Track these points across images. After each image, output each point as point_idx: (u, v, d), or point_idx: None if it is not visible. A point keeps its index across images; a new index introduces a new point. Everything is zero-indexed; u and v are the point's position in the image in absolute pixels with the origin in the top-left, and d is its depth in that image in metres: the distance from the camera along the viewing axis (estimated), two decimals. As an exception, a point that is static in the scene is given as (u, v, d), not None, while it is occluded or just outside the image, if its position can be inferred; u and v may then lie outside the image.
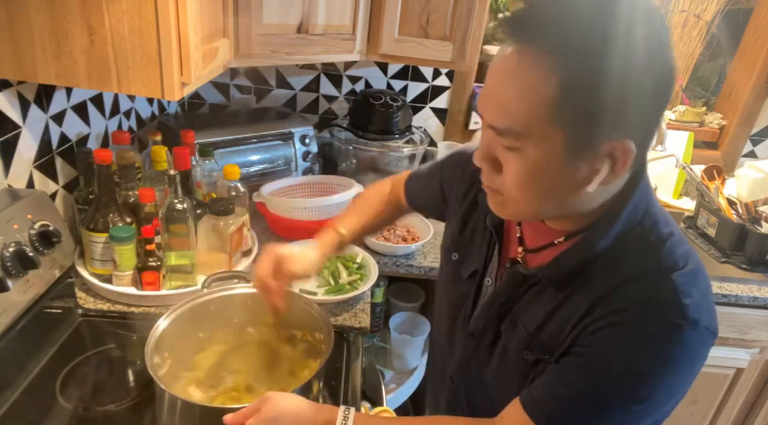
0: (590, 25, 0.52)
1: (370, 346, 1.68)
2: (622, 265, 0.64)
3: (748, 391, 1.68)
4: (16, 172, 1.05)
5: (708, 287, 0.66)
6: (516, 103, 0.56)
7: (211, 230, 1.22)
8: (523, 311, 0.73)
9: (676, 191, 2.07)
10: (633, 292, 0.62)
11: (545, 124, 0.55)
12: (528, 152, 0.58)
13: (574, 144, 0.56)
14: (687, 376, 0.63)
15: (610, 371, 0.62)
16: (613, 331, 0.62)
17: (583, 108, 0.54)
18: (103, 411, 0.91)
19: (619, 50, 0.51)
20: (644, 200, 0.66)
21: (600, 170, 0.58)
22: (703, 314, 0.61)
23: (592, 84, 0.53)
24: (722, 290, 1.50)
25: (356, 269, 1.35)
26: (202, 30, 0.96)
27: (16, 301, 0.91)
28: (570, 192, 0.61)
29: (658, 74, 0.54)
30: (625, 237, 0.65)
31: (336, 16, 1.39)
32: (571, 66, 0.52)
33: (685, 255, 0.64)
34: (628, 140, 0.56)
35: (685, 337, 0.60)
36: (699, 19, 2.01)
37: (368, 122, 1.72)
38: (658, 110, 0.58)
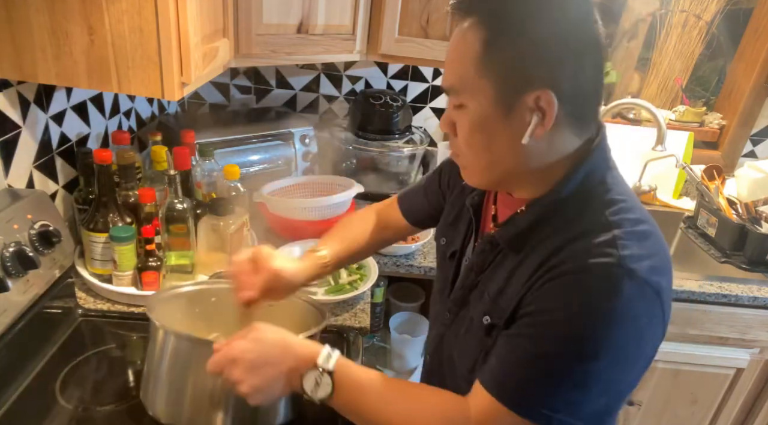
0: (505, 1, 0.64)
1: (370, 346, 1.68)
2: (570, 226, 0.67)
3: (748, 391, 1.68)
4: (16, 172, 1.05)
5: (659, 251, 0.65)
6: (454, 63, 0.67)
7: (211, 230, 1.22)
8: (488, 278, 0.76)
9: (676, 191, 2.07)
10: (574, 248, 0.65)
11: (474, 77, 0.65)
12: (469, 107, 0.67)
13: (501, 94, 0.64)
14: (630, 338, 0.61)
15: (550, 327, 0.63)
16: (551, 285, 0.64)
17: (504, 61, 0.63)
18: (103, 411, 0.91)
19: (534, 14, 0.62)
20: (599, 171, 0.69)
21: (530, 122, 0.64)
22: (641, 265, 0.61)
23: (510, 40, 0.63)
24: (722, 290, 1.50)
25: (356, 269, 1.35)
26: (202, 30, 0.96)
27: (16, 301, 0.91)
28: (509, 146, 0.67)
29: (573, 34, 0.63)
30: (576, 201, 0.68)
31: (336, 16, 1.40)
32: (492, 26, 0.63)
33: (635, 220, 0.66)
34: (550, 91, 0.62)
35: (619, 287, 0.60)
36: (699, 19, 2.01)
37: (368, 122, 1.72)
38: (581, 67, 0.64)
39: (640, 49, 2.07)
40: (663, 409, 1.71)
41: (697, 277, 1.55)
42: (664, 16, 2.01)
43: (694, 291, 1.49)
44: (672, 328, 1.56)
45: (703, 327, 1.56)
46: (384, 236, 1.09)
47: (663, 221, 1.97)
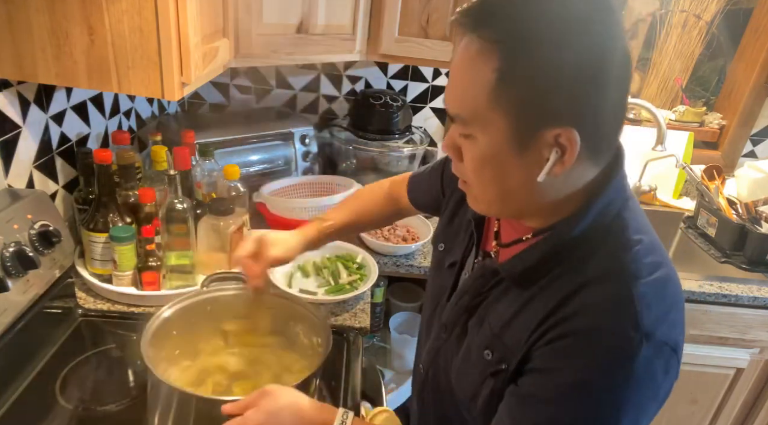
0: (528, 15, 0.54)
1: (370, 346, 1.68)
2: (584, 268, 0.62)
3: (748, 391, 1.68)
4: (16, 172, 1.05)
5: (675, 302, 0.63)
6: (463, 89, 0.60)
7: (211, 230, 1.22)
8: (490, 308, 0.72)
9: (676, 191, 2.07)
10: (588, 299, 0.60)
11: (487, 109, 0.58)
12: (478, 138, 0.61)
13: (517, 130, 0.58)
14: (646, 397, 0.59)
15: (565, 390, 0.60)
16: (565, 343, 0.60)
17: (521, 94, 0.56)
18: (103, 411, 0.91)
19: (554, 40, 0.53)
20: (616, 203, 0.64)
21: (548, 159, 0.58)
22: (661, 327, 0.58)
23: (527, 71, 0.55)
24: (722, 290, 1.50)
25: (356, 269, 1.35)
26: (202, 30, 0.96)
27: (16, 301, 0.91)
28: (521, 181, 0.62)
29: (597, 65, 0.55)
30: (591, 239, 0.63)
31: (336, 16, 1.39)
32: (507, 54, 0.55)
33: (653, 264, 0.62)
34: (572, 129, 0.56)
35: (636, 351, 0.57)
36: (699, 19, 2.01)
37: (368, 122, 1.72)
38: (604, 100, 0.57)
39: (640, 49, 2.07)
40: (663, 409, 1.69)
41: (697, 277, 1.55)
42: (664, 16, 2.01)
43: (694, 291, 1.49)
44: (672, 328, 1.56)
45: (703, 327, 1.56)
46: (392, 211, 1.10)
47: (663, 221, 1.97)
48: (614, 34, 0.55)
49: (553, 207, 0.65)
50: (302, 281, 1.33)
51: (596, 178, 0.63)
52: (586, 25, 0.54)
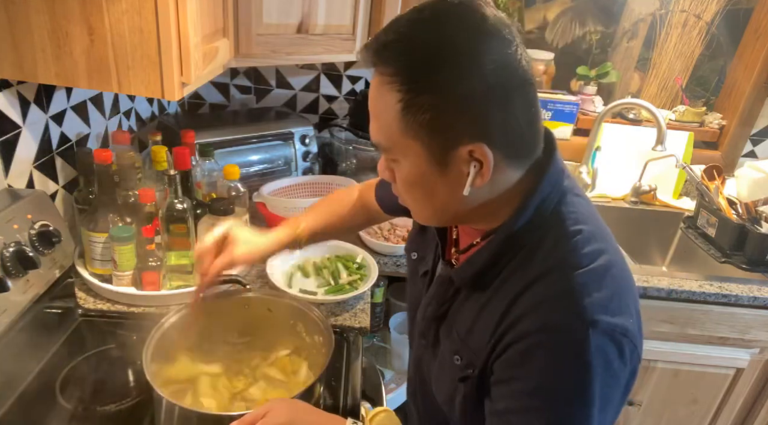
0: (418, 48, 0.58)
1: (370, 346, 1.68)
2: (529, 265, 0.64)
3: (748, 391, 1.68)
4: (16, 172, 1.05)
5: (620, 286, 0.63)
6: (377, 120, 0.63)
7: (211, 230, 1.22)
8: (456, 314, 0.74)
9: (676, 191, 2.07)
10: (533, 297, 0.62)
11: (401, 136, 0.61)
12: (402, 163, 0.65)
13: (432, 152, 0.61)
14: (607, 386, 0.60)
15: (524, 395, 0.61)
16: (518, 348, 0.61)
17: (426, 120, 0.59)
18: (103, 411, 0.91)
19: (446, 67, 0.56)
20: (552, 196, 0.66)
21: (468, 173, 0.61)
22: (604, 314, 0.59)
23: (426, 99, 0.58)
24: (722, 290, 1.50)
25: (356, 269, 1.35)
26: (202, 30, 0.96)
27: (16, 301, 0.91)
28: (449, 196, 0.65)
29: (492, 82, 0.57)
30: (532, 236, 0.65)
31: (336, 16, 1.39)
32: (405, 86, 0.58)
33: (593, 253, 0.63)
34: (482, 143, 0.59)
35: (584, 342, 0.58)
36: (699, 19, 2.01)
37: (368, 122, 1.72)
38: (508, 111, 0.59)
39: (640, 49, 2.07)
40: (663, 409, 1.71)
41: (697, 277, 1.55)
42: (664, 16, 2.01)
43: (694, 291, 1.49)
44: (672, 328, 1.56)
45: (703, 327, 1.56)
46: (363, 219, 1.08)
47: (663, 221, 1.98)
48: (502, 48, 0.57)
49: (492, 209, 0.67)
50: (302, 281, 1.33)
51: (528, 176, 0.66)
52: (473, 49, 0.57)
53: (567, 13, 1.99)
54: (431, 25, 0.57)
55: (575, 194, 0.69)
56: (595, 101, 2.10)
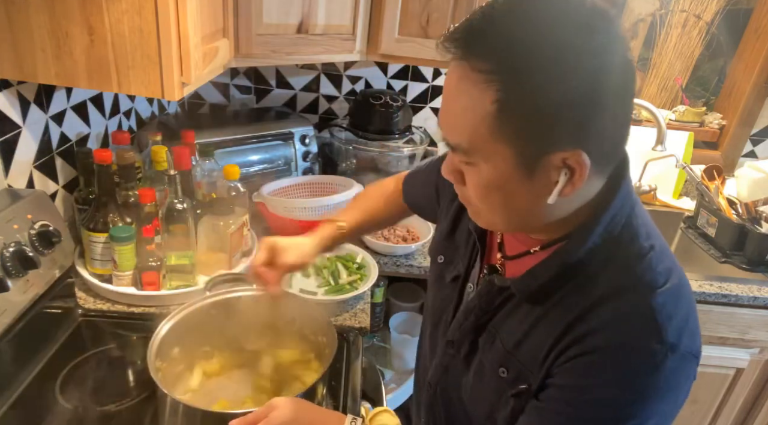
0: (519, 42, 0.52)
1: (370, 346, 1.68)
2: (598, 282, 0.61)
3: (748, 391, 1.68)
4: (16, 172, 1.05)
5: (691, 306, 0.63)
6: (459, 120, 0.57)
7: (211, 230, 1.22)
8: (501, 325, 0.70)
9: (676, 191, 2.07)
10: (606, 314, 0.59)
11: (489, 140, 0.56)
12: (481, 167, 0.59)
13: (522, 158, 0.56)
14: (670, 404, 0.59)
15: (587, 405, 0.60)
16: (586, 360, 0.59)
17: (522, 124, 0.54)
18: (103, 411, 0.91)
19: (550, 67, 0.51)
20: (624, 211, 0.63)
21: (557, 182, 0.57)
22: (683, 337, 0.58)
23: (527, 101, 0.52)
24: (722, 290, 1.50)
25: (356, 269, 1.35)
26: (202, 30, 0.96)
27: (16, 301, 0.91)
28: (531, 204, 0.60)
29: (597, 85, 0.52)
30: (602, 251, 0.62)
31: (336, 16, 1.39)
32: (504, 85, 0.52)
33: (666, 271, 0.61)
34: (580, 150, 0.54)
35: (662, 364, 0.57)
36: (699, 19, 2.01)
37: (368, 122, 1.72)
38: (608, 117, 0.55)
39: (640, 49, 2.07)
40: (663, 409, 1.71)
41: (697, 277, 1.55)
42: (664, 16, 2.01)
43: (694, 291, 1.48)
44: (672, 328, 1.55)
45: (703, 327, 1.53)
46: (398, 210, 1.07)
47: (663, 221, 1.97)
48: (611, 47, 0.53)
49: (562, 222, 0.64)
50: (302, 281, 1.33)
51: (603, 188, 0.62)
52: (581, 45, 0.51)
53: (567, 13, 1.99)
54: (533, 16, 0.52)
55: (640, 204, 0.66)
56: (595, 101, 2.10)
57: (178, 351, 0.93)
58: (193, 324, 0.94)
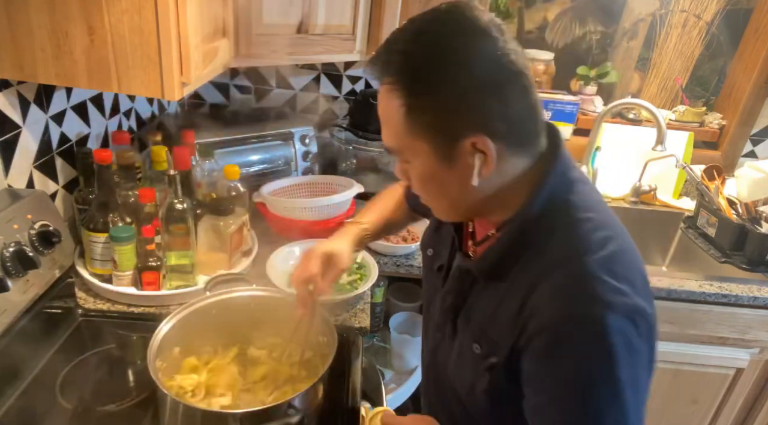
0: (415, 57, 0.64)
1: (370, 346, 1.68)
2: (544, 253, 0.67)
3: (748, 391, 1.68)
4: (16, 172, 1.05)
5: (633, 270, 0.65)
6: (387, 127, 0.70)
7: (211, 230, 1.22)
8: (474, 304, 0.77)
9: (676, 191, 2.07)
10: (549, 287, 0.65)
11: (408, 139, 0.67)
12: (413, 164, 0.70)
13: (439, 149, 0.66)
14: (634, 358, 0.62)
15: (556, 387, 0.63)
16: (541, 344, 0.64)
17: (429, 120, 0.65)
18: (103, 411, 0.91)
19: (441, 71, 0.62)
20: (561, 188, 0.70)
21: (474, 165, 0.66)
22: (619, 295, 0.61)
23: (426, 100, 0.64)
24: (722, 290, 1.50)
25: (356, 269, 1.35)
26: (202, 30, 0.96)
27: (16, 301, 0.91)
28: (461, 189, 0.69)
29: (485, 79, 0.62)
30: (543, 226, 0.69)
31: (336, 16, 1.39)
32: (408, 90, 0.64)
33: (602, 240, 0.66)
34: (482, 134, 0.64)
35: (604, 325, 0.60)
36: (699, 19, 2.01)
37: (368, 122, 1.72)
38: (506, 103, 0.64)
39: (640, 49, 2.07)
40: (663, 409, 1.71)
41: (697, 277, 1.55)
42: (664, 16, 2.01)
43: (694, 291, 1.49)
44: (672, 328, 1.56)
45: (703, 327, 1.56)
46: (405, 218, 1.13)
47: (663, 221, 1.98)
48: (487, 49, 0.63)
49: (504, 199, 0.71)
50: (302, 281, 1.33)
51: (536, 168, 0.70)
52: (459, 50, 0.62)
53: (567, 13, 1.99)
54: (422, 35, 0.64)
55: (583, 182, 0.72)
56: (595, 101, 2.10)
57: (178, 351, 0.93)
58: (193, 324, 0.94)
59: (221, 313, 0.98)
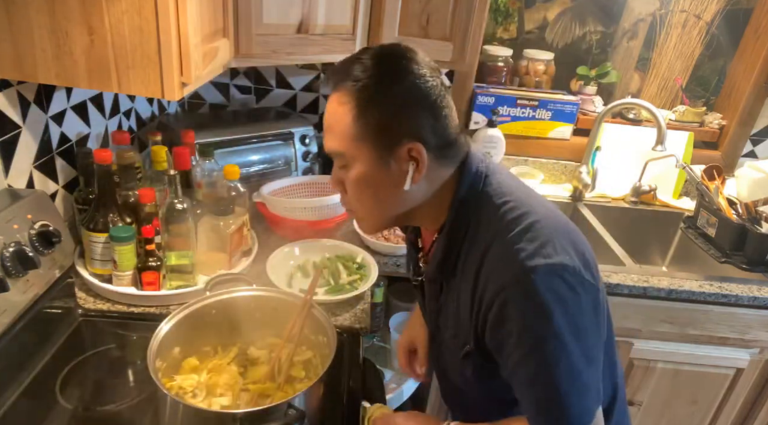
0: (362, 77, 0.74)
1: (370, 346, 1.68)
2: (476, 243, 0.77)
3: (748, 391, 1.68)
4: (16, 172, 1.05)
5: (552, 233, 0.73)
6: (334, 131, 0.77)
7: (211, 230, 1.22)
8: (445, 305, 0.88)
9: (676, 191, 2.07)
10: (487, 269, 0.74)
11: (352, 142, 0.75)
12: (353, 167, 0.77)
13: (377, 152, 0.75)
14: (569, 309, 0.69)
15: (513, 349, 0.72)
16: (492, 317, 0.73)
17: (373, 125, 0.74)
18: (103, 411, 0.91)
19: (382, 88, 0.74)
20: (476, 181, 0.79)
21: (407, 171, 0.75)
22: (538, 258, 0.70)
23: (371, 110, 0.74)
24: (722, 290, 1.50)
25: (356, 269, 1.35)
26: (202, 30, 0.96)
27: (16, 301, 0.91)
28: (394, 193, 0.78)
29: (418, 96, 0.74)
30: (469, 218, 0.79)
31: (336, 16, 1.39)
32: (353, 100, 0.74)
33: (521, 215, 0.75)
34: (417, 142, 0.74)
35: (531, 285, 0.68)
36: (699, 19, 2.01)
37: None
38: (434, 117, 0.75)
39: (640, 49, 2.07)
40: (663, 409, 1.71)
41: (697, 277, 1.55)
42: (664, 16, 2.01)
43: (694, 291, 1.49)
44: (672, 328, 1.56)
45: (703, 327, 1.56)
46: None
47: (663, 221, 1.98)
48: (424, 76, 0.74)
49: (433, 207, 0.81)
50: (302, 281, 1.33)
51: (455, 174, 0.80)
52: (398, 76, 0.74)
53: (567, 13, 1.99)
54: (371, 64, 0.75)
55: (497, 173, 0.82)
56: (595, 101, 2.10)
57: (178, 351, 0.93)
58: (193, 324, 0.94)
59: (221, 313, 0.98)
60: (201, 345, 0.97)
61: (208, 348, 0.98)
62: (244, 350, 1.00)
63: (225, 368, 0.95)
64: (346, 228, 1.57)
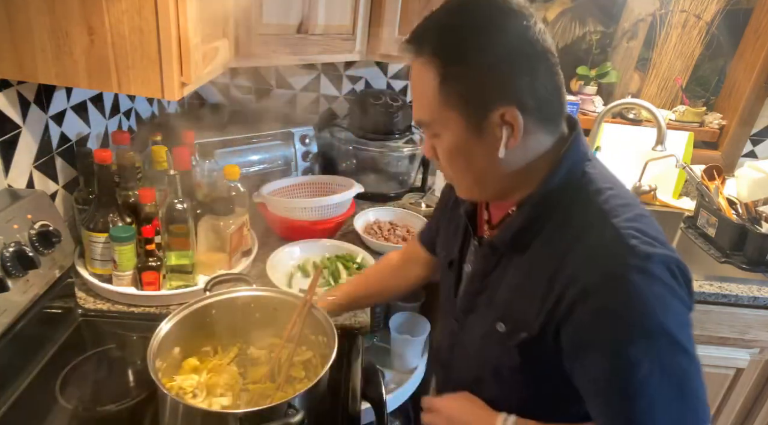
0: (449, 34, 0.69)
1: (370, 346, 1.68)
2: (569, 223, 0.71)
3: (748, 391, 1.68)
4: (16, 172, 1.05)
5: (657, 228, 0.69)
6: (419, 99, 0.73)
7: (211, 230, 1.22)
8: (497, 284, 0.80)
9: (676, 191, 2.07)
10: (582, 251, 0.67)
11: (440, 109, 0.70)
12: (443, 136, 0.73)
13: (469, 119, 0.69)
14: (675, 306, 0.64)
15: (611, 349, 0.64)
16: (582, 313, 0.66)
17: (462, 90, 0.68)
18: (103, 411, 0.91)
19: (473, 45, 0.67)
20: (579, 164, 0.74)
21: (501, 137, 0.69)
22: (654, 246, 0.65)
23: (461, 70, 0.67)
24: (722, 290, 1.50)
25: (356, 269, 1.35)
26: (202, 30, 0.96)
27: (16, 301, 0.91)
28: (488, 161, 0.72)
29: (514, 54, 0.67)
30: (565, 196, 0.73)
31: (336, 16, 1.39)
32: (443, 61, 0.68)
33: (625, 205, 0.70)
34: (512, 106, 0.67)
35: (645, 273, 0.63)
36: (699, 19, 2.01)
37: (368, 122, 1.72)
38: (533, 79, 0.68)
39: (640, 49, 2.07)
40: (663, 409, 1.70)
41: (697, 277, 1.55)
42: (664, 16, 2.01)
43: (694, 291, 1.48)
44: (672, 328, 1.55)
45: (703, 327, 1.56)
46: (412, 273, 1.16)
47: (663, 221, 1.97)
48: (519, 26, 0.67)
49: (526, 176, 0.74)
50: (302, 281, 1.33)
51: (556, 147, 0.74)
52: (493, 25, 0.67)
53: (567, 13, 1.99)
54: (457, 11, 0.69)
55: (599, 162, 0.77)
56: (595, 101, 2.10)
57: (178, 351, 0.93)
58: (193, 324, 0.94)
59: (221, 313, 0.98)
60: (201, 345, 0.97)
61: (208, 348, 0.98)
62: (244, 350, 1.00)
63: (225, 368, 0.95)
64: (346, 228, 1.57)
